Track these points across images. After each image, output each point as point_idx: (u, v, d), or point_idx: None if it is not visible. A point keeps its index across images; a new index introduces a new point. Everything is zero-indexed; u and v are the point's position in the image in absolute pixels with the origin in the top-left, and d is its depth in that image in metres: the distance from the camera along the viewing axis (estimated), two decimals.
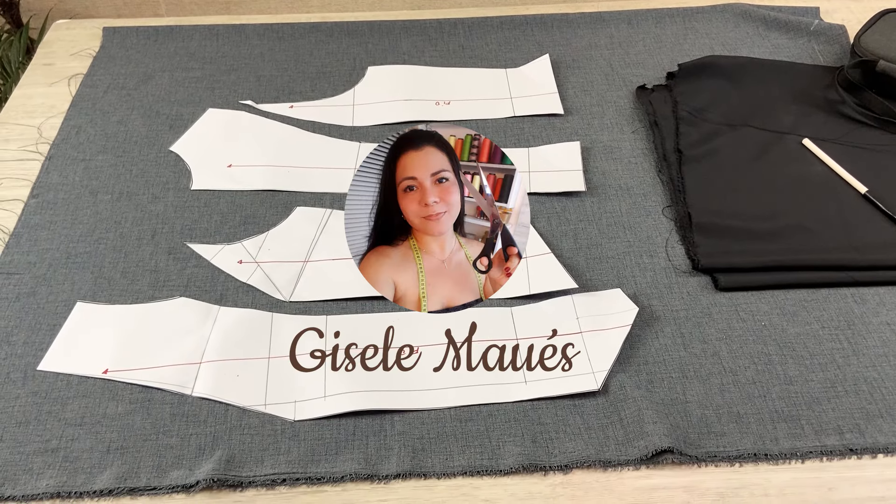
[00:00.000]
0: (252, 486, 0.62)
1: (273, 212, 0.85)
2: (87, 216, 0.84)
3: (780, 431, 0.65)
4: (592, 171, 0.90)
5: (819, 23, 1.09)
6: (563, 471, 0.63)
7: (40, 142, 0.94)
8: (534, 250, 0.80)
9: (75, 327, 0.73)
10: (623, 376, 0.69)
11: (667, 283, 0.77)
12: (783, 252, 0.78)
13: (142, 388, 0.68)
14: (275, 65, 1.06)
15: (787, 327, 0.73)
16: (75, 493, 0.61)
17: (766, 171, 0.87)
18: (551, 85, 1.02)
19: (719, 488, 0.61)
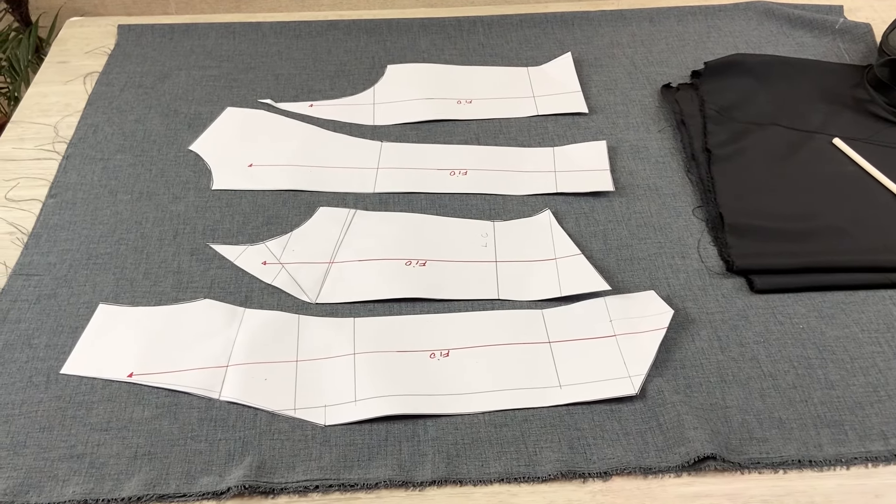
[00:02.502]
0: (284, 492, 0.60)
1: (296, 212, 0.83)
2: (106, 216, 0.82)
3: (823, 437, 0.63)
4: (620, 171, 0.88)
5: (844, 21, 1.08)
6: (602, 478, 0.61)
7: (57, 141, 0.92)
8: (563, 251, 0.79)
9: (98, 330, 0.71)
10: (660, 380, 0.67)
11: (700, 285, 0.75)
12: (818, 253, 0.76)
13: (168, 392, 0.66)
14: (292, 63, 1.05)
15: (826, 330, 0.71)
16: (103, 499, 0.59)
17: (797, 171, 0.86)
18: (574, 83, 1.00)
19: (764, 496, 0.60)
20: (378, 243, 0.80)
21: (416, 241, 0.80)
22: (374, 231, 0.81)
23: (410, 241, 0.80)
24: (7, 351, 0.69)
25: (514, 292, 0.75)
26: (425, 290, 0.75)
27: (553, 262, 0.78)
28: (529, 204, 0.85)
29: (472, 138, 0.93)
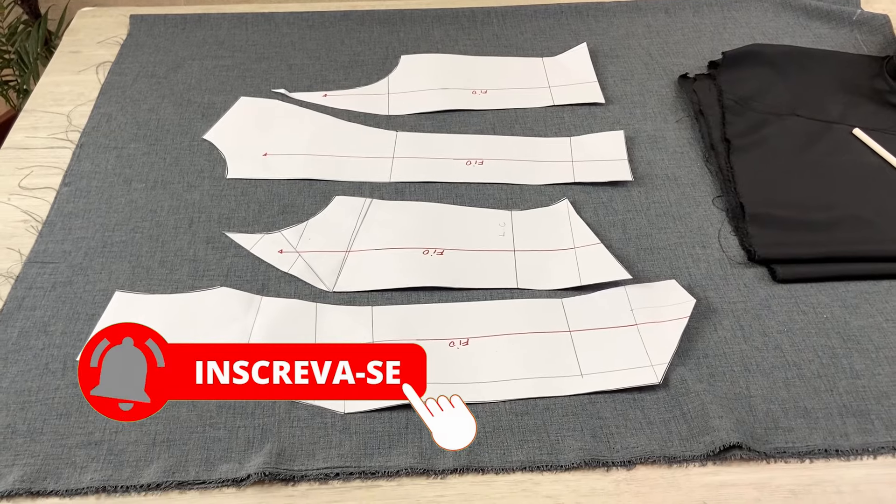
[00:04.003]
0: (305, 479, 0.59)
1: (311, 201, 0.83)
2: (121, 204, 0.82)
3: (849, 427, 0.62)
4: (638, 161, 0.87)
5: (861, 12, 1.07)
6: (626, 466, 0.60)
7: (70, 129, 0.91)
8: (582, 240, 0.78)
9: (115, 317, 0.70)
10: (683, 370, 0.66)
11: (722, 275, 0.75)
12: (841, 243, 0.75)
13: None
14: (306, 53, 1.04)
15: (850, 320, 0.70)
16: (121, 486, 0.59)
17: (817, 162, 0.85)
18: (590, 73, 0.99)
19: (790, 485, 0.59)
20: (395, 232, 0.79)
21: (434, 230, 0.79)
22: (391, 220, 0.81)
23: (427, 230, 0.79)
24: (23, 338, 0.69)
25: (534, 281, 0.74)
26: (443, 279, 0.74)
27: (572, 251, 0.77)
28: (547, 194, 0.84)
29: (487, 128, 0.93)
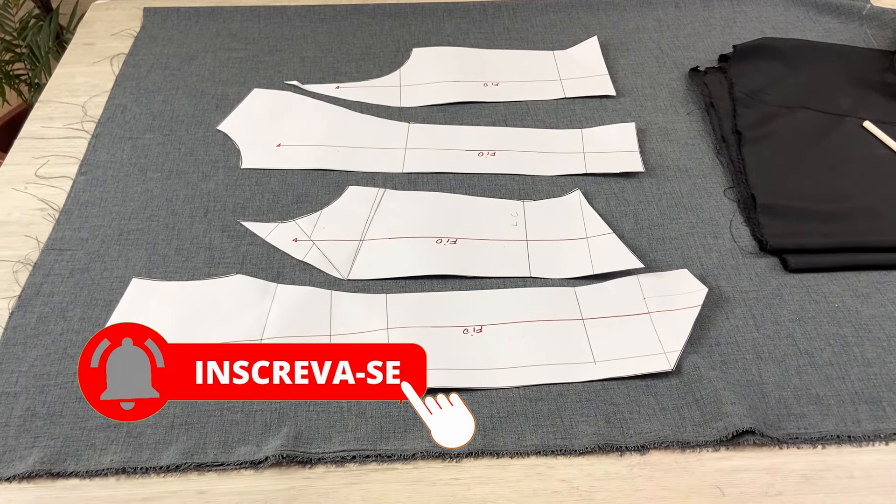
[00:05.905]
0: (321, 462, 0.60)
1: (325, 191, 0.83)
2: (137, 193, 0.83)
3: (861, 413, 0.63)
4: (649, 153, 0.88)
5: (871, 7, 1.07)
6: (639, 451, 0.61)
7: (85, 120, 0.92)
8: (594, 230, 0.78)
9: (132, 303, 0.71)
10: (695, 357, 0.67)
11: (734, 265, 0.75)
12: (852, 234, 0.76)
13: None
14: (318, 46, 1.05)
15: (862, 309, 0.71)
16: (141, 468, 0.59)
17: (828, 154, 0.85)
18: (601, 66, 1.00)
19: (803, 470, 0.60)
20: (408, 222, 0.80)
21: (447, 219, 0.80)
22: (404, 210, 0.81)
23: (440, 219, 0.80)
24: (42, 323, 0.70)
25: (546, 270, 0.75)
26: (456, 268, 0.75)
27: (584, 240, 0.78)
28: (559, 185, 0.84)
29: (499, 120, 0.93)
